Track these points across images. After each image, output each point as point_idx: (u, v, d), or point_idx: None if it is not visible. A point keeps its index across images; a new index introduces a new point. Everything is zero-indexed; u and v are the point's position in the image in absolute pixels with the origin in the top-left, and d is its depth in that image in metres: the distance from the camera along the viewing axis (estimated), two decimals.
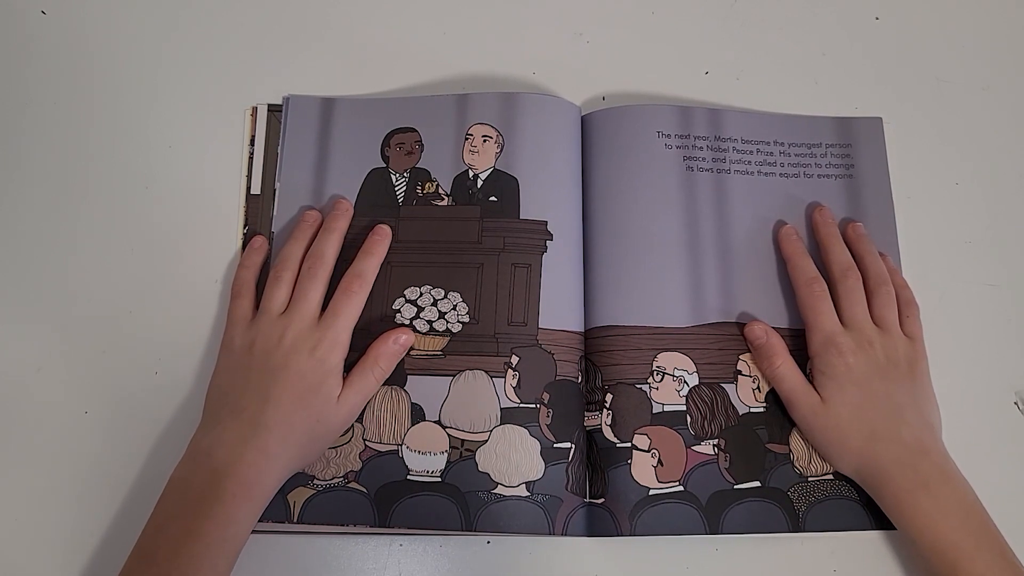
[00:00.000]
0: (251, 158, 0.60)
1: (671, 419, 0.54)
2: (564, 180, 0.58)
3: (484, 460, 0.52)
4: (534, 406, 0.53)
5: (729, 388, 0.55)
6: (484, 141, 0.58)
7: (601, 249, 0.57)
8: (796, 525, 0.52)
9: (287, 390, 0.50)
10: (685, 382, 0.55)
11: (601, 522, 0.52)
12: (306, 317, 0.52)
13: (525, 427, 0.53)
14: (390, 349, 0.53)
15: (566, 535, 0.52)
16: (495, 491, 0.52)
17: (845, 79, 0.64)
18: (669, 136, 0.60)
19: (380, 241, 0.56)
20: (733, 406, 0.55)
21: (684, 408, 0.54)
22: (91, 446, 0.54)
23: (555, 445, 0.53)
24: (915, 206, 0.61)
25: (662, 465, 0.53)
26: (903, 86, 0.64)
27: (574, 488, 0.53)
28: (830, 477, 0.53)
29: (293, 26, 0.64)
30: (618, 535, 0.52)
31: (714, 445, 0.54)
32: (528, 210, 0.57)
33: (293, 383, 0.50)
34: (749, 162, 0.60)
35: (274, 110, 0.61)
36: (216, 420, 0.50)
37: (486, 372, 0.54)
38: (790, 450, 0.54)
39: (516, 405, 0.53)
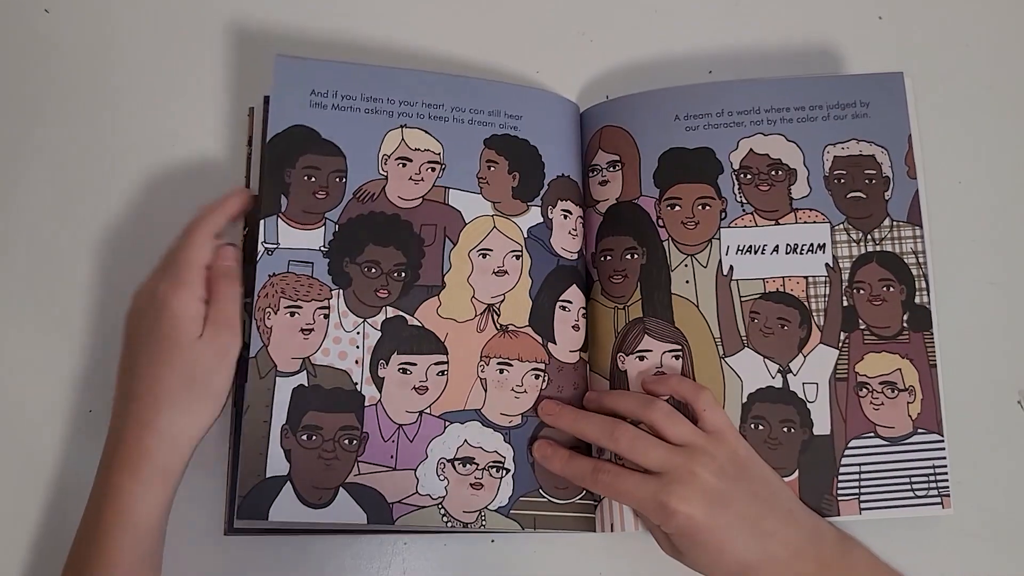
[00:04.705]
0: (249, 158, 0.60)
1: None
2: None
3: None
4: None
5: None
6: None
7: None
8: None
9: (142, 352, 0.48)
10: None
11: None
12: (152, 274, 0.51)
13: None
14: (221, 268, 0.51)
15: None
16: None
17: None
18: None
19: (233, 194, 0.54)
20: None
21: None
22: (94, 445, 0.54)
23: None
24: None
25: None
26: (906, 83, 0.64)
27: None
28: None
29: (294, 25, 0.64)
30: None
31: None
32: None
33: (145, 343, 0.48)
34: None
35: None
36: (114, 408, 0.50)
37: None
38: None
39: None
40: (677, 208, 0.57)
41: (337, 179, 0.55)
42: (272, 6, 0.64)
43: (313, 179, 0.55)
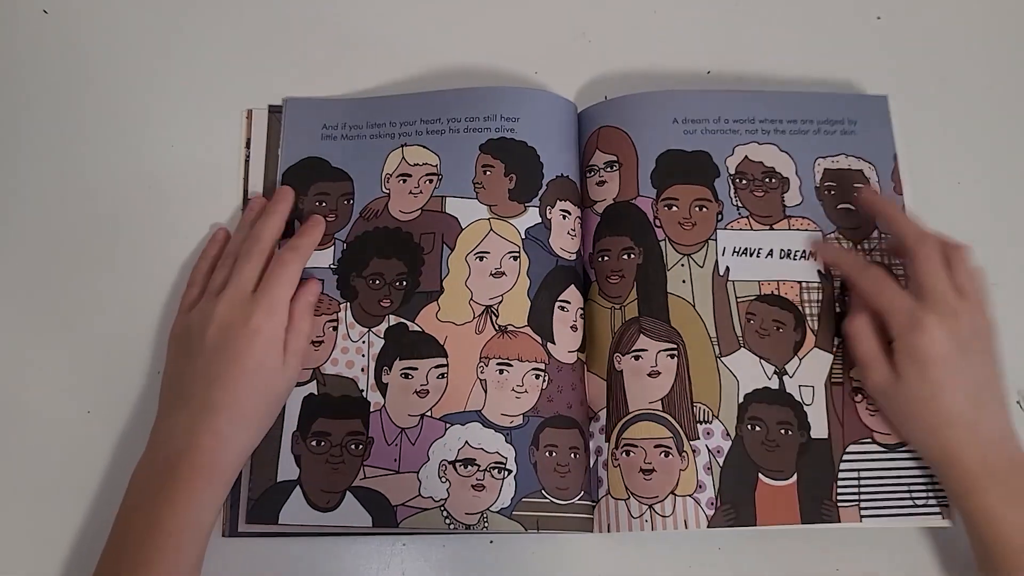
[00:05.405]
0: (247, 161, 0.60)
1: None
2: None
3: None
4: None
5: None
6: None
7: None
8: None
9: (229, 368, 0.49)
10: None
11: None
12: (240, 292, 0.52)
13: None
14: (306, 302, 0.54)
15: None
16: None
17: (847, 80, 0.64)
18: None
19: (314, 226, 0.56)
20: None
21: None
22: (94, 446, 0.55)
23: None
24: (917, 206, 0.60)
25: None
26: (906, 85, 0.64)
27: None
28: None
29: (294, 26, 0.64)
30: None
31: None
32: None
33: (234, 360, 0.49)
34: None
35: (275, 111, 0.61)
36: (168, 409, 0.51)
37: None
38: None
39: None
40: (674, 209, 0.57)
41: (345, 202, 0.58)
42: (272, 4, 0.64)
43: (324, 204, 0.58)
